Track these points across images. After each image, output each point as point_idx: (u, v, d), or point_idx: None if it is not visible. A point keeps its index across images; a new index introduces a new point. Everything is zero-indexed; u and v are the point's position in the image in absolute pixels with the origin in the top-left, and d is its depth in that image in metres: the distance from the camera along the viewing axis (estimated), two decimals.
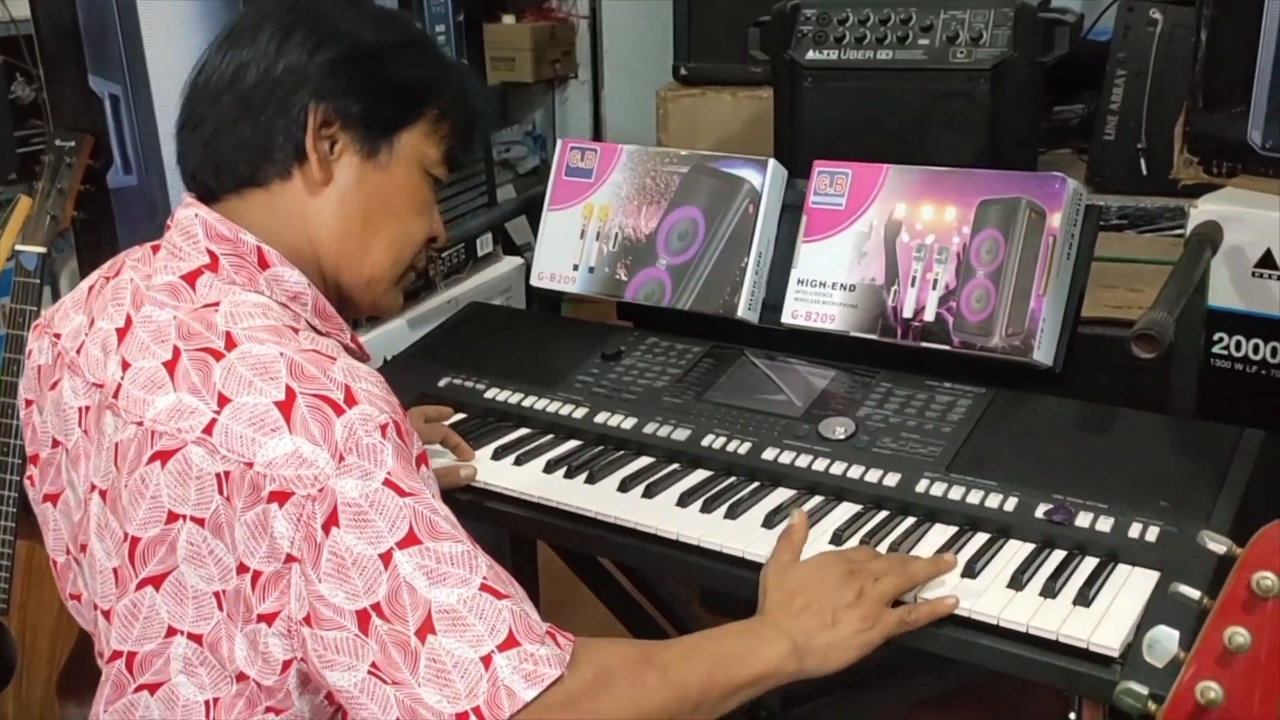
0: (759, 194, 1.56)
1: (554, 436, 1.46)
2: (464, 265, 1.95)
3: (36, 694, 1.69)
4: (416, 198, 1.09)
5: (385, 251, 1.09)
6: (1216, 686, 0.57)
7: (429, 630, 0.89)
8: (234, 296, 1.00)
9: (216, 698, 1.01)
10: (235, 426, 0.92)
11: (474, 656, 0.89)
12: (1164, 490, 1.20)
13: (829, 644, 1.05)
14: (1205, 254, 1.33)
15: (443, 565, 0.90)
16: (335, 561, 0.90)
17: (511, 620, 0.91)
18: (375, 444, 0.91)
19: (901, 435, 1.35)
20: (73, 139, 1.67)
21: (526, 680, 0.90)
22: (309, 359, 0.94)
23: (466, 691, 0.89)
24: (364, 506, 0.90)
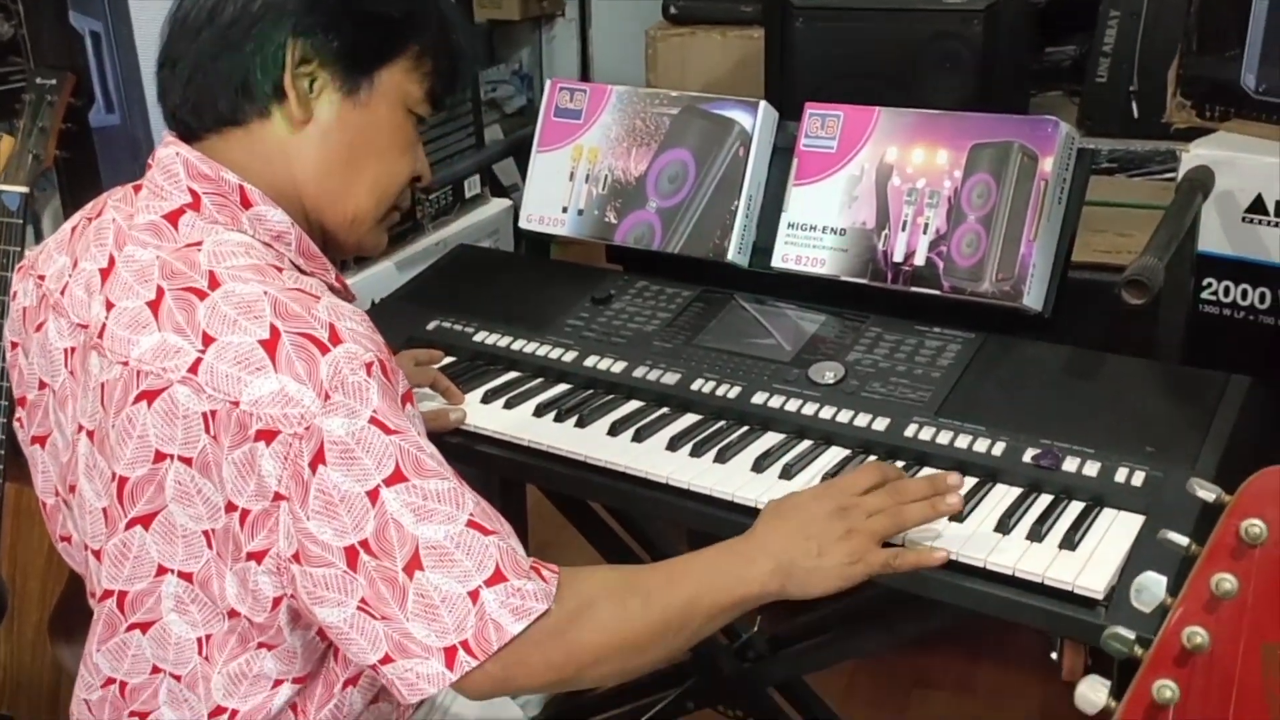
0: (750, 136, 1.55)
1: (544, 380, 1.46)
2: (452, 207, 1.93)
3: (28, 636, 1.69)
4: (399, 136, 1.08)
5: (368, 191, 1.08)
6: (1203, 631, 0.58)
7: (416, 566, 0.90)
8: (217, 236, 0.99)
9: (209, 634, 1.02)
10: (220, 365, 0.92)
11: (461, 592, 0.90)
12: (1150, 435, 1.21)
13: (812, 569, 1.05)
14: (1196, 199, 1.32)
15: (429, 502, 0.91)
16: (323, 499, 0.90)
17: (498, 556, 0.92)
18: (360, 382, 0.91)
19: (891, 380, 1.35)
20: (54, 77, 1.65)
21: (514, 614, 0.91)
22: (293, 297, 0.94)
23: (454, 626, 0.90)
24: (350, 444, 0.90)
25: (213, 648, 1.03)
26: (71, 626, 1.68)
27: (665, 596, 1.01)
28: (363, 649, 0.93)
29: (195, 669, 1.04)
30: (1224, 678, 0.58)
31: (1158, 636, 0.59)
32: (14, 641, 1.69)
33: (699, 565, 1.06)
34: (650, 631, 0.99)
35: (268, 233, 1.03)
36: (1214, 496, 0.59)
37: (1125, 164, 2.12)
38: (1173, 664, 0.59)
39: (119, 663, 1.07)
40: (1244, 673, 0.58)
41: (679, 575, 1.04)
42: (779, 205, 1.53)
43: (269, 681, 1.04)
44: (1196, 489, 0.60)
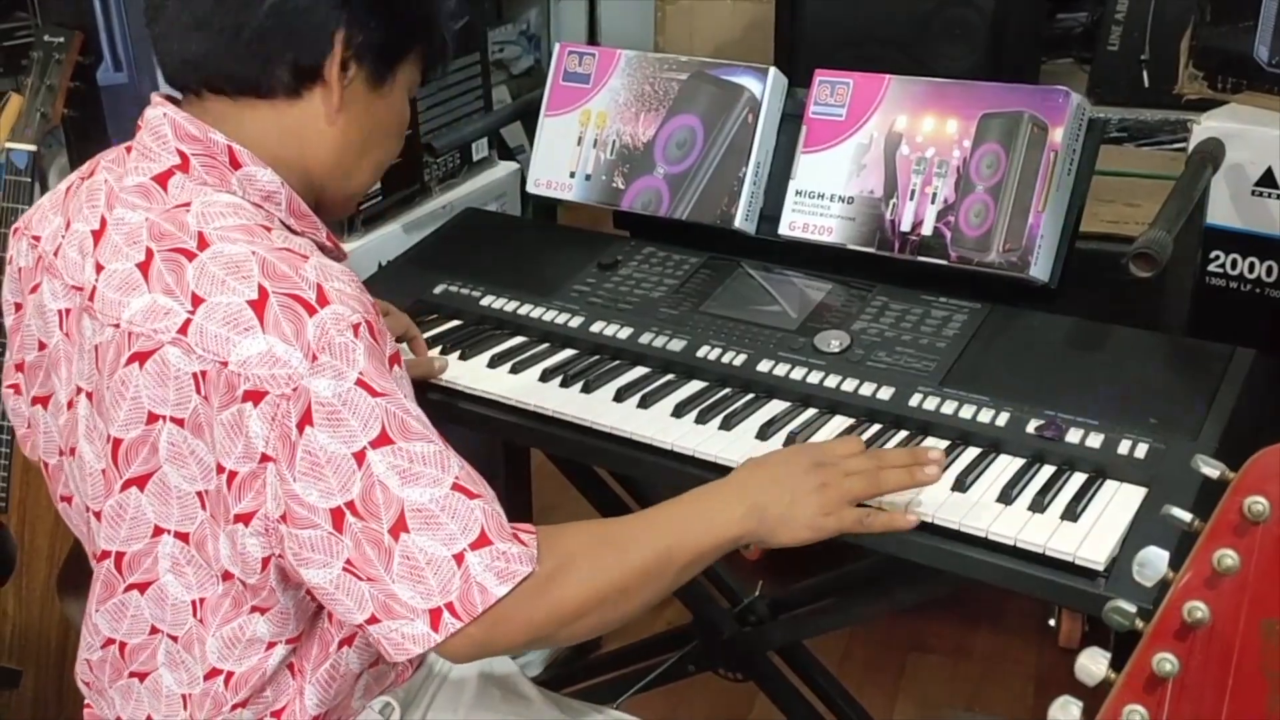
0: (759, 103, 1.54)
1: (549, 345, 1.46)
2: (459, 170, 1.93)
3: (36, 590, 1.71)
4: (403, 122, 1.13)
5: (371, 172, 1.12)
6: (1204, 606, 0.59)
7: (402, 528, 0.91)
8: (205, 197, 0.99)
9: (203, 598, 1.03)
10: (210, 326, 0.92)
11: (446, 555, 0.92)
12: (1154, 407, 1.21)
13: (783, 516, 1.06)
14: (1206, 171, 1.32)
15: (415, 465, 0.92)
16: (309, 460, 0.91)
17: (483, 519, 0.93)
18: (347, 343, 0.91)
19: (896, 349, 1.35)
20: (62, 35, 1.64)
21: (498, 577, 0.93)
22: (281, 257, 0.94)
23: (440, 588, 0.92)
24: (337, 406, 0.90)
25: (207, 611, 1.04)
26: (80, 583, 1.68)
27: (642, 547, 1.03)
28: (349, 609, 0.95)
29: (191, 630, 1.05)
30: (1223, 652, 0.59)
31: (1159, 610, 0.60)
32: (23, 597, 1.71)
33: (674, 512, 1.08)
34: (628, 582, 1.01)
35: (258, 193, 1.02)
36: (1218, 473, 0.60)
37: (1135, 134, 2.11)
38: (1173, 637, 0.60)
39: (118, 623, 1.09)
40: (1243, 647, 0.58)
41: (655, 524, 1.06)
42: (787, 173, 1.52)
43: (263, 644, 1.05)
44: (1201, 465, 0.60)
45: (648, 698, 1.77)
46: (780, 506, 1.06)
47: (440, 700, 1.23)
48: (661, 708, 1.97)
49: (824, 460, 1.10)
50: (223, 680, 1.06)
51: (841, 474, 1.09)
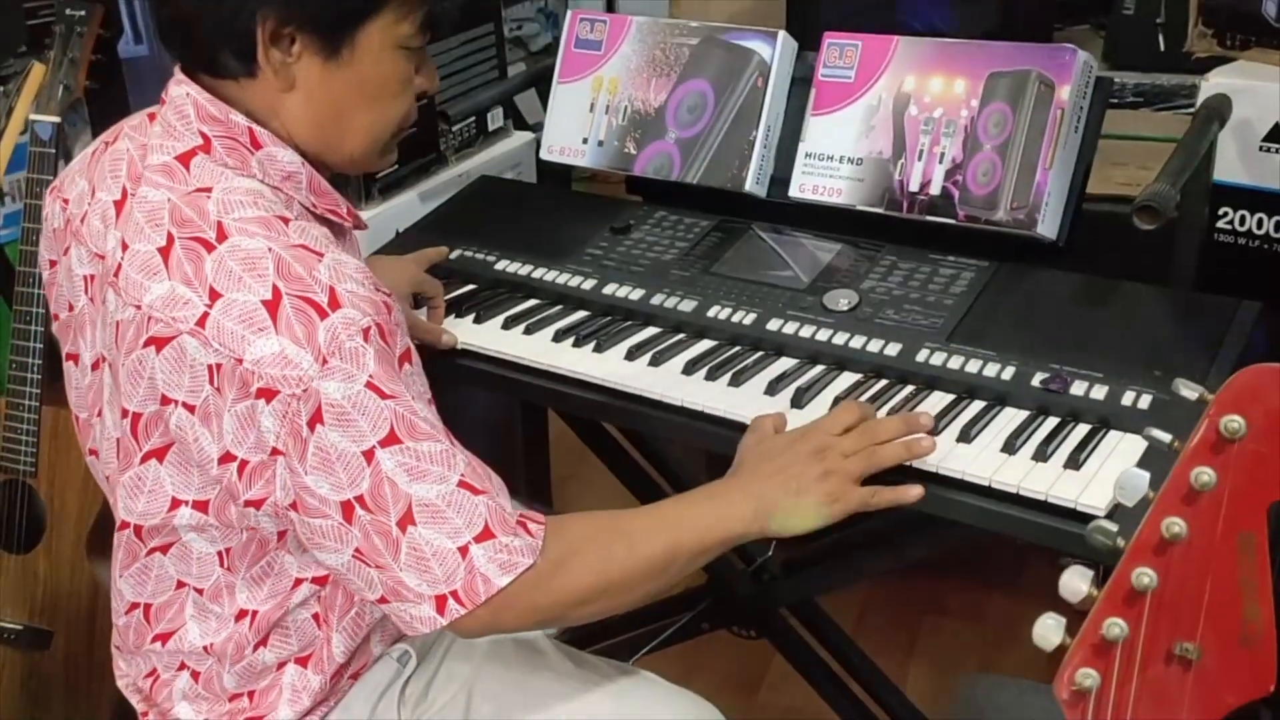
0: (768, 66, 1.56)
1: (563, 307, 1.49)
2: (475, 140, 1.95)
3: (66, 553, 1.75)
4: (390, 83, 1.07)
5: (362, 138, 1.09)
6: (1181, 522, 0.60)
7: (409, 522, 0.95)
8: (226, 183, 1.01)
9: (229, 548, 1.07)
10: (226, 322, 0.94)
11: (452, 547, 0.96)
12: (1159, 360, 1.22)
13: (790, 510, 1.09)
14: (1213, 127, 1.33)
15: (423, 463, 0.95)
16: (320, 456, 0.94)
17: (488, 514, 0.97)
18: (358, 348, 0.93)
19: (904, 307, 1.37)
20: (83, 8, 1.67)
21: (501, 568, 0.97)
22: (296, 256, 0.96)
23: (445, 577, 0.96)
24: (347, 407, 0.93)
25: (234, 558, 1.07)
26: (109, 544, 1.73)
27: (648, 540, 1.06)
28: (360, 589, 1.00)
29: (219, 580, 1.09)
30: (1200, 565, 0.61)
31: (1138, 527, 0.61)
32: (53, 559, 1.75)
33: (681, 509, 1.12)
34: (633, 574, 1.05)
35: (279, 173, 1.04)
36: (1197, 395, 0.61)
37: (1151, 98, 2.10)
38: (1152, 553, 0.61)
39: (142, 587, 1.12)
40: (1219, 560, 0.60)
41: (662, 519, 1.10)
42: (797, 135, 1.54)
43: (289, 580, 1.09)
44: (1180, 388, 0.62)
45: (664, 656, 1.80)
46: (788, 500, 1.09)
47: (455, 650, 1.26)
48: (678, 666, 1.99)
49: (823, 444, 1.12)
50: (248, 621, 1.10)
51: (840, 456, 1.11)
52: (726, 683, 2.06)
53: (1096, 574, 0.64)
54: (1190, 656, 0.62)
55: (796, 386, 1.28)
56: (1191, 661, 0.62)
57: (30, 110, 1.66)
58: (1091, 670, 0.63)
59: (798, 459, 1.11)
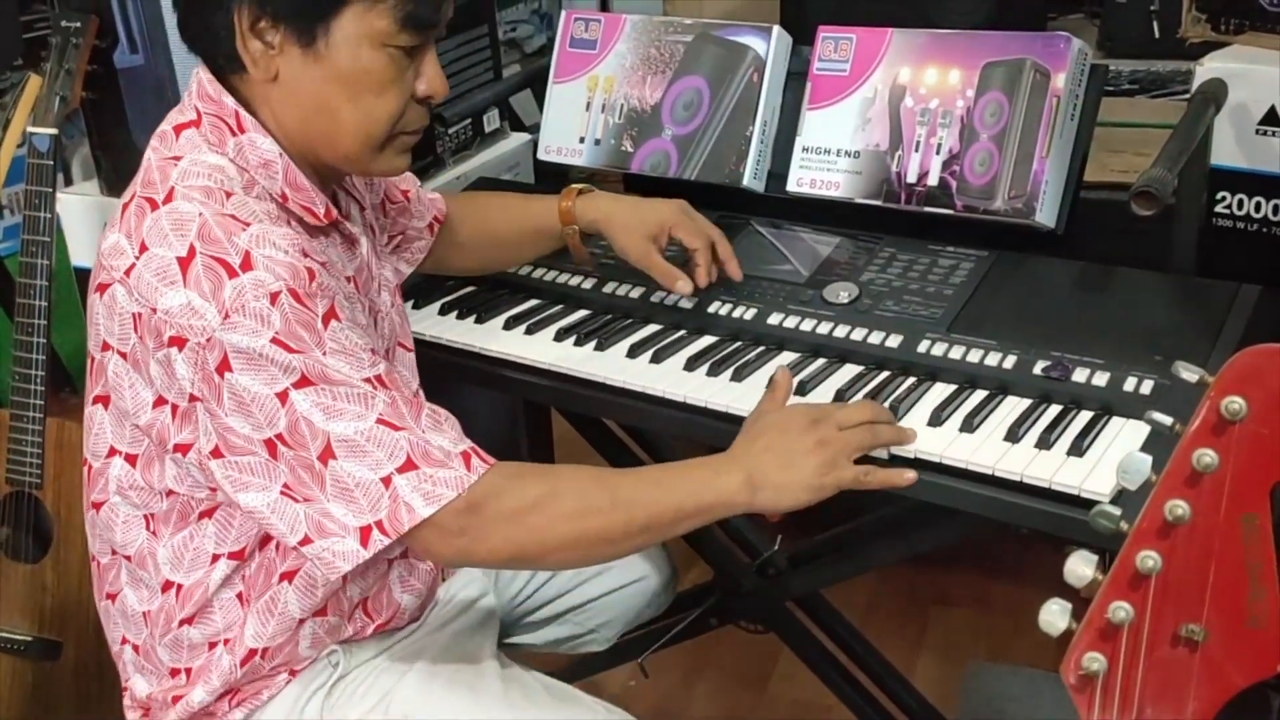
0: (764, 62, 1.56)
1: (564, 306, 1.49)
2: (472, 142, 1.95)
3: (74, 564, 1.76)
4: (370, 79, 1.06)
5: (352, 134, 1.09)
6: (1184, 504, 0.61)
7: (330, 455, 0.99)
8: (196, 154, 1.06)
9: (152, 513, 1.12)
10: (146, 274, 1.00)
11: (374, 478, 0.99)
12: (1160, 345, 1.22)
13: (782, 483, 1.09)
14: (1208, 112, 1.32)
15: (339, 403, 0.99)
16: (235, 399, 0.99)
17: (409, 448, 1.00)
18: (263, 309, 0.98)
19: (904, 298, 1.37)
20: (78, 19, 1.67)
21: (425, 499, 1.00)
22: (221, 222, 1.01)
23: (370, 506, 0.99)
24: (255, 355, 0.98)
25: (157, 524, 1.12)
26: None
27: (632, 496, 1.08)
28: (283, 533, 1.02)
29: (143, 546, 1.13)
30: (1204, 547, 0.61)
31: (1142, 510, 0.62)
32: (60, 570, 1.76)
33: (671, 473, 1.14)
34: (612, 526, 1.07)
35: (257, 159, 1.07)
36: (1197, 378, 0.62)
37: (1147, 85, 2.10)
38: (1156, 536, 0.62)
39: (93, 539, 1.18)
40: (1223, 542, 0.60)
41: (649, 479, 1.12)
42: (793, 130, 1.54)
43: (208, 556, 1.12)
44: (1180, 371, 0.62)
45: (673, 653, 1.80)
46: (779, 473, 1.09)
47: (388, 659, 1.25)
48: (687, 663, 2.01)
49: (819, 417, 1.12)
50: (174, 593, 1.13)
51: (836, 427, 1.11)
52: (735, 677, 2.07)
53: (1101, 559, 0.64)
54: (1196, 638, 0.62)
55: (799, 380, 1.28)
56: (1198, 643, 0.62)
57: (27, 122, 1.67)
58: (1098, 654, 0.63)
59: (791, 432, 1.11)
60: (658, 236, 1.37)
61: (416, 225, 1.44)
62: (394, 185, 1.41)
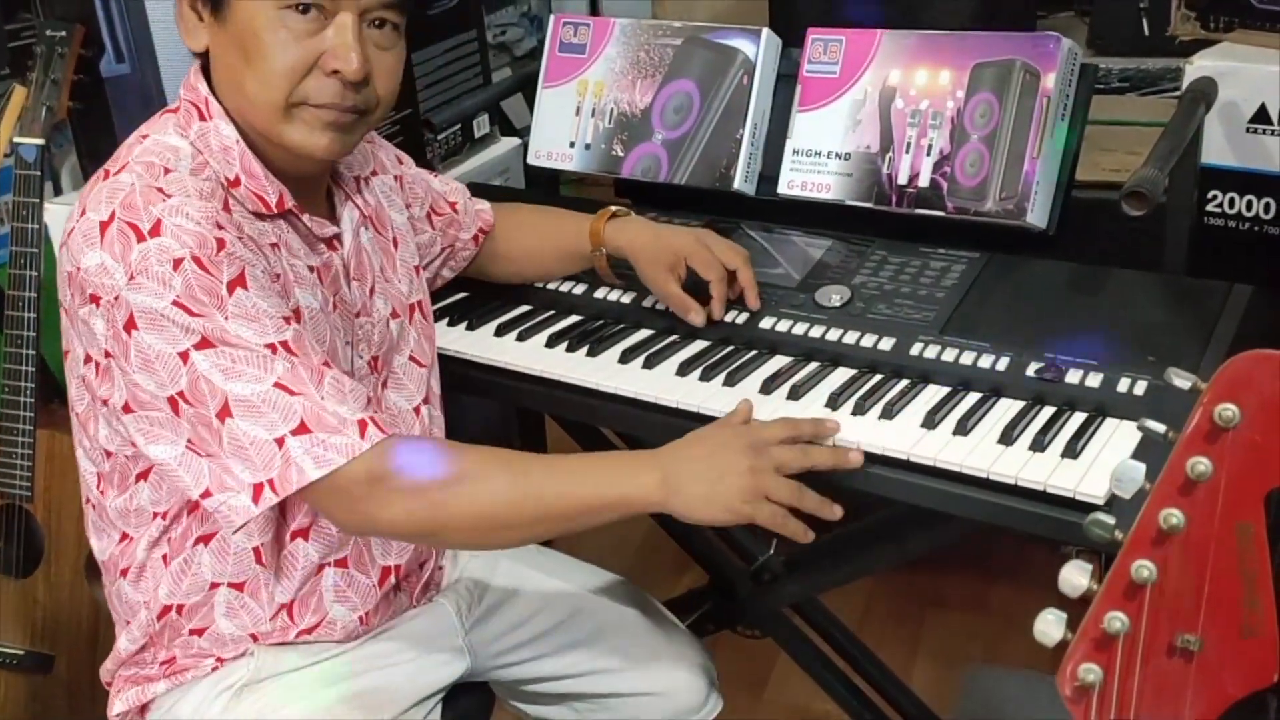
0: (753, 64, 1.55)
1: (554, 313, 1.48)
2: (461, 147, 1.95)
3: (65, 576, 1.75)
4: (260, 40, 1.06)
5: (252, 100, 1.09)
6: (1179, 513, 0.60)
7: (227, 414, 1.03)
8: (161, 135, 1.11)
9: (100, 472, 1.17)
10: (77, 235, 1.05)
11: (268, 438, 1.02)
12: (1153, 345, 1.22)
13: (702, 495, 1.08)
14: (1199, 111, 1.32)
15: (238, 365, 1.02)
16: (141, 357, 1.03)
17: (303, 413, 1.03)
18: (165, 273, 1.02)
19: (896, 301, 1.37)
20: (64, 29, 1.66)
21: (315, 462, 1.02)
22: (145, 193, 1.04)
23: (263, 465, 1.02)
24: (158, 315, 1.02)
25: (104, 483, 1.17)
26: None
27: (541, 483, 1.08)
28: (188, 485, 1.06)
29: (100, 501, 1.18)
30: (1199, 556, 0.60)
31: (1135, 519, 0.61)
32: (52, 582, 1.75)
33: (586, 463, 1.14)
34: (516, 512, 1.08)
35: (218, 144, 1.11)
36: (1190, 384, 0.61)
37: (1137, 83, 2.10)
38: (1150, 545, 0.61)
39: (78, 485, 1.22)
40: (1218, 551, 0.60)
41: (563, 468, 1.12)
42: (784, 132, 1.53)
43: (148, 515, 1.16)
44: (1173, 378, 0.62)
45: None
46: (703, 484, 1.08)
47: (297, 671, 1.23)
48: None
49: (760, 446, 1.10)
50: (126, 545, 1.18)
51: (771, 462, 1.09)
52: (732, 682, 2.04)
53: (1097, 566, 0.64)
54: (1192, 648, 0.61)
55: (791, 384, 1.28)
56: (1194, 653, 0.61)
57: (13, 133, 1.66)
58: (1094, 665, 0.62)
59: (730, 449, 1.10)
60: (675, 266, 1.38)
61: (463, 237, 1.47)
62: (441, 197, 1.44)
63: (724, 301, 1.38)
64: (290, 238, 1.15)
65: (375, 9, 1.09)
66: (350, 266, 1.22)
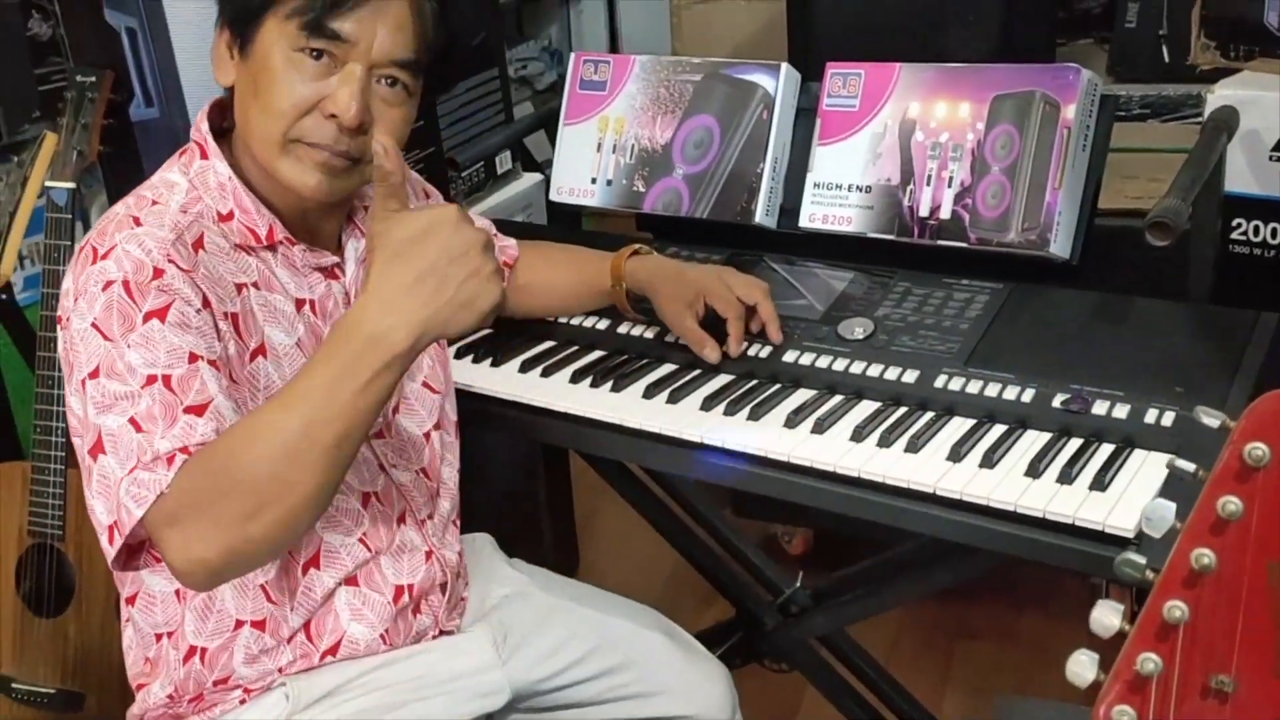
0: (773, 99, 1.56)
1: (578, 348, 1.49)
2: (484, 184, 1.97)
3: (96, 615, 1.76)
4: (271, 76, 1.09)
5: (254, 130, 1.12)
6: (1210, 553, 0.60)
7: (99, 450, 1.03)
8: (165, 173, 1.16)
9: None
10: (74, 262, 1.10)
11: (118, 476, 1.01)
12: (1180, 375, 1.21)
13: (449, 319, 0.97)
14: (1221, 139, 1.32)
15: (108, 398, 1.03)
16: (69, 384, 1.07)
17: (137, 449, 1.01)
18: (95, 294, 1.05)
19: (919, 333, 1.37)
20: (94, 74, 1.69)
21: (135, 501, 1.00)
22: (122, 221, 1.08)
23: (111, 508, 1.02)
24: (77, 340, 1.05)
25: None
26: None
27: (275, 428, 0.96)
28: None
29: None
30: (1231, 596, 0.60)
31: (1167, 559, 0.61)
32: (83, 621, 1.76)
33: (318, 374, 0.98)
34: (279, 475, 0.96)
35: (215, 181, 1.14)
36: (1219, 423, 0.61)
37: (1158, 109, 2.10)
38: (1182, 585, 0.61)
39: None
40: (1250, 591, 0.60)
41: (275, 402, 1.00)
42: (804, 166, 1.54)
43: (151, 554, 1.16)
44: (1201, 416, 0.62)
45: None
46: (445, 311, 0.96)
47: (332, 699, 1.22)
48: None
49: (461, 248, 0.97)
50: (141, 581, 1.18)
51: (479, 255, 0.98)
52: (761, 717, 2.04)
53: (1128, 606, 0.63)
54: (1226, 689, 0.61)
55: (816, 417, 1.28)
56: (1228, 694, 0.61)
57: (45, 177, 1.68)
58: (1127, 707, 0.62)
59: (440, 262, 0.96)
60: (694, 302, 1.39)
61: None
62: None
63: (741, 339, 1.39)
64: (279, 271, 1.17)
65: (384, 66, 1.11)
66: (352, 294, 1.23)
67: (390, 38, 1.10)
